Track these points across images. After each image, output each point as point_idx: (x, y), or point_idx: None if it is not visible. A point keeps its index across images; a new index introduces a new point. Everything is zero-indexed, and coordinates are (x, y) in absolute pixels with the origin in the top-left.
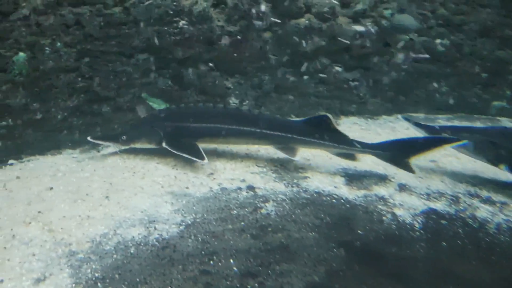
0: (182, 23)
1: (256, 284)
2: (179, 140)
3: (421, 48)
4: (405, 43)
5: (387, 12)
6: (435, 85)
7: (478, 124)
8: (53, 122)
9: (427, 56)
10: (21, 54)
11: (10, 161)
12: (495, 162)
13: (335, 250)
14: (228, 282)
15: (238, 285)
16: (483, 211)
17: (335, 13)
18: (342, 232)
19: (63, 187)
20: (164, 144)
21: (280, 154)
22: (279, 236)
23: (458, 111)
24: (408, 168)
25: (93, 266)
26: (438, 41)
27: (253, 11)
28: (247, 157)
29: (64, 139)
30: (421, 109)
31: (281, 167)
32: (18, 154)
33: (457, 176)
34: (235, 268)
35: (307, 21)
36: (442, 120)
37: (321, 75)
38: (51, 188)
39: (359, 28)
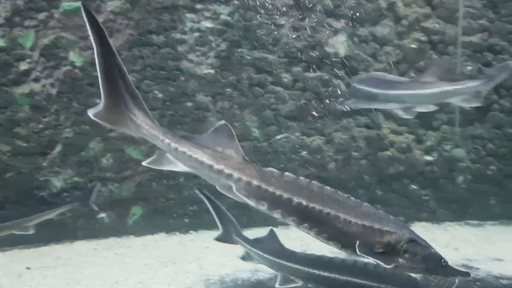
0: (304, 153)
1: None
2: None
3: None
4: (464, 168)
5: (446, 147)
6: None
7: None
8: None
9: None
10: None
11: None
12: None
13: None
14: None
15: None
16: None
17: (411, 148)
18: None
19: None
20: None
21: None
22: None
23: (504, 219)
24: None
25: None
26: (490, 167)
27: (352, 145)
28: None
29: None
30: (474, 218)
31: None
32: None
33: None
34: None
35: (390, 153)
36: (488, 225)
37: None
38: None
39: (428, 157)
